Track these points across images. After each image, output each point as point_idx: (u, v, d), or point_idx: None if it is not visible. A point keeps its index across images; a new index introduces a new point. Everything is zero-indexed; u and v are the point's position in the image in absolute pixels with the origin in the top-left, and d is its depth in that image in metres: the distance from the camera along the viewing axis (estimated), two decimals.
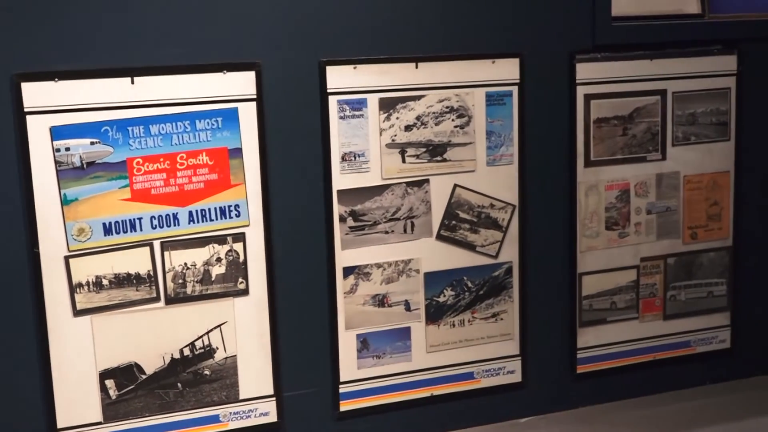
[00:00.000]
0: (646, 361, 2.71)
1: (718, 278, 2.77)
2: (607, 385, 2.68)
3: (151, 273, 2.13)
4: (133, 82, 2.06)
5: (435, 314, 2.44)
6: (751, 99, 2.70)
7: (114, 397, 2.13)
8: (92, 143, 2.04)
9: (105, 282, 2.09)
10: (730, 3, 2.77)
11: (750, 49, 2.68)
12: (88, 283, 2.08)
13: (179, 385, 2.19)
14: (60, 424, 2.09)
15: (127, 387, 2.14)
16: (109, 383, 2.12)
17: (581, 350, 2.63)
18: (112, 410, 2.13)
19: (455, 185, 2.41)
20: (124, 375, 2.13)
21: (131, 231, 2.11)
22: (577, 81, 2.50)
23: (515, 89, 2.43)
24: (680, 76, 2.62)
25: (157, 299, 2.15)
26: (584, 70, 2.50)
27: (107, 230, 2.08)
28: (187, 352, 2.18)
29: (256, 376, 2.26)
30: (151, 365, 2.15)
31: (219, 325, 2.21)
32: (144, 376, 2.15)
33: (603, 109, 2.55)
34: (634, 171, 2.61)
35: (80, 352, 2.09)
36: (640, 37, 2.55)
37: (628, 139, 2.59)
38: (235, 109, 2.16)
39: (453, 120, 2.37)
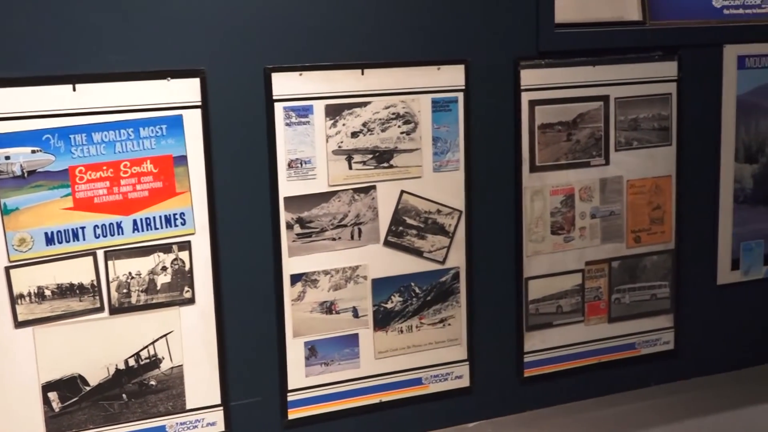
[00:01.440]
0: (592, 363, 2.76)
1: (661, 281, 2.82)
2: (554, 388, 2.73)
3: (95, 283, 2.13)
4: (75, 89, 2.05)
5: (383, 320, 2.47)
6: (691, 104, 2.77)
7: (57, 410, 2.12)
8: (33, 152, 2.03)
9: (47, 293, 2.08)
10: (670, 10, 2.84)
11: (690, 56, 2.75)
12: (29, 294, 2.07)
13: (124, 396, 2.19)
14: None
15: (70, 399, 2.13)
16: (52, 396, 2.11)
17: (528, 354, 2.67)
18: (55, 423, 2.12)
19: (402, 191, 2.44)
20: (67, 387, 2.13)
21: (74, 240, 2.10)
22: (522, 87, 2.54)
23: (461, 95, 2.46)
24: (622, 82, 2.67)
25: (101, 309, 2.15)
26: (528, 77, 2.54)
27: (49, 240, 2.07)
28: (132, 362, 2.19)
29: (202, 385, 2.27)
30: (95, 377, 2.15)
31: (165, 335, 2.21)
32: (88, 388, 2.15)
33: (547, 114, 2.59)
34: (579, 176, 2.66)
35: (22, 365, 2.07)
36: (582, 43, 2.60)
37: (572, 145, 2.63)
38: (180, 117, 2.17)
39: (399, 126, 2.40)
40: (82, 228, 2.11)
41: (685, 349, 2.90)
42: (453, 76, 2.45)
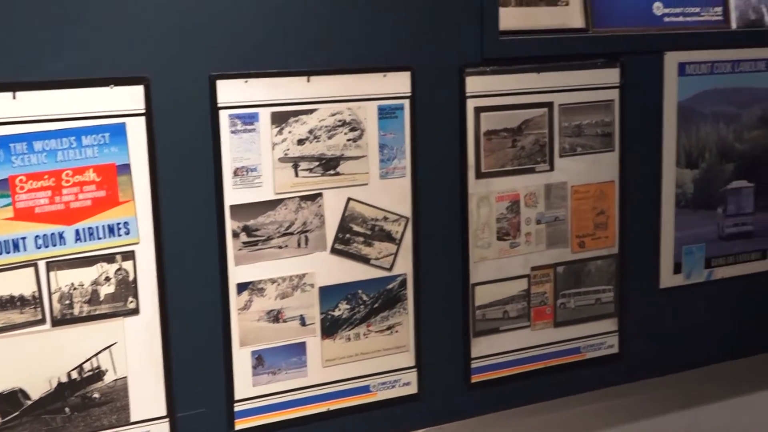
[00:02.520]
0: (539, 368, 2.80)
1: (605, 285, 2.88)
2: (501, 393, 2.76)
3: (36, 294, 2.12)
4: (14, 97, 2.05)
5: (330, 328, 2.48)
6: (633, 110, 2.84)
7: None
8: None
9: None
10: (612, 17, 2.92)
11: (631, 62, 2.82)
12: None
13: (67, 409, 2.18)
14: None
15: (11, 414, 2.12)
16: None
17: (475, 360, 2.71)
18: None
19: (348, 199, 2.46)
20: (7, 402, 2.11)
21: (14, 251, 2.09)
22: (467, 94, 2.57)
23: (407, 102, 2.49)
24: (566, 88, 2.72)
25: (42, 321, 2.14)
26: (473, 84, 2.58)
27: None
28: (75, 375, 2.18)
29: (148, 397, 2.27)
30: (37, 390, 2.14)
31: (108, 347, 2.21)
32: (29, 402, 2.14)
33: (492, 121, 2.63)
34: (524, 182, 2.70)
35: None
36: (526, 50, 2.65)
37: (517, 151, 2.67)
38: (123, 125, 2.17)
39: (345, 133, 2.43)
40: (23, 238, 2.10)
41: (630, 352, 2.95)
42: (399, 83, 2.48)
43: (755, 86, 3.10)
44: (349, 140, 2.44)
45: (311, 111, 2.39)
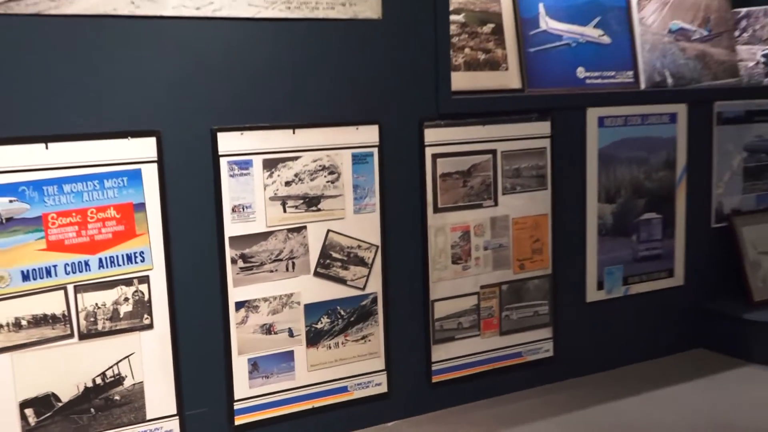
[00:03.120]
0: (487, 369, 2.80)
1: (541, 300, 2.89)
2: (457, 391, 2.75)
3: (66, 313, 2.10)
4: (47, 148, 2.04)
5: (314, 338, 2.47)
6: (562, 156, 2.86)
7: (33, 424, 2.08)
8: (10, 201, 2.01)
9: (23, 322, 2.05)
10: (543, 80, 2.96)
11: (560, 116, 2.84)
12: (7, 324, 2.03)
13: (92, 410, 2.16)
14: None
15: (45, 414, 2.09)
16: (29, 412, 2.07)
17: (435, 363, 2.70)
18: None
19: (328, 230, 2.45)
20: (42, 404, 2.09)
21: (47, 277, 2.07)
22: (426, 143, 2.58)
23: (376, 150, 2.49)
24: (507, 138, 2.73)
25: (71, 336, 2.12)
26: (431, 135, 2.59)
27: (25, 277, 2.04)
28: (99, 380, 2.16)
29: (160, 398, 2.25)
30: (66, 394, 2.12)
31: (127, 356, 2.19)
32: (60, 404, 2.11)
33: (447, 165, 2.63)
34: (473, 215, 2.71)
35: (1, 385, 2.03)
36: (474, 107, 2.67)
37: (467, 190, 2.68)
38: (139, 170, 2.17)
39: (325, 176, 2.43)
40: (54, 266, 2.08)
41: (562, 355, 2.96)
42: (369, 134, 2.49)
43: (661, 136, 3.13)
44: (328, 182, 2.45)
45: (296, 158, 2.39)
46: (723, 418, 2.63)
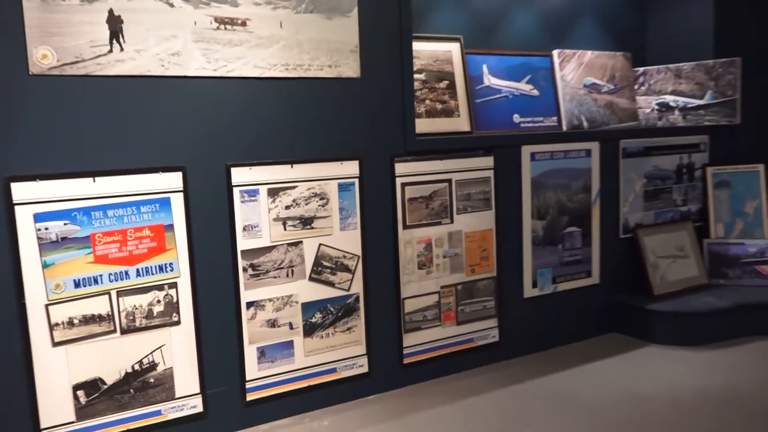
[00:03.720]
0: (448, 352, 2.80)
1: (489, 297, 2.90)
2: (424, 369, 2.75)
3: (110, 313, 2.10)
4: (94, 181, 2.05)
5: (309, 330, 2.47)
6: (503, 183, 2.89)
7: (84, 403, 2.07)
8: (65, 224, 2.01)
9: (75, 321, 2.04)
10: (487, 124, 3.01)
11: (501, 153, 2.87)
12: (62, 323, 2.02)
13: (132, 390, 2.15)
14: (43, 425, 2.01)
15: (93, 395, 2.08)
16: (80, 393, 2.06)
17: (406, 348, 2.70)
18: (82, 412, 2.07)
19: (320, 244, 2.46)
20: (91, 386, 2.08)
21: (94, 284, 2.07)
22: (396, 175, 2.61)
23: (357, 180, 2.51)
24: (460, 170, 2.76)
25: (114, 331, 2.11)
26: (400, 168, 2.61)
27: (77, 284, 2.04)
28: (137, 367, 2.15)
29: (186, 380, 2.24)
30: (110, 378, 2.11)
31: (160, 347, 2.19)
32: (105, 386, 2.10)
33: (413, 192, 2.66)
34: (434, 231, 2.72)
35: (58, 372, 2.02)
36: (434, 146, 2.69)
37: (429, 211, 2.70)
38: (168, 198, 2.17)
39: (317, 201, 2.44)
40: (100, 276, 2.08)
41: (506, 340, 2.97)
42: (351, 168, 2.51)
43: (579, 167, 3.17)
44: (319, 206, 2.46)
45: (294, 187, 2.40)
46: (632, 386, 2.65)
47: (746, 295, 3.23)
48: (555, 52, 3.30)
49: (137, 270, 2.12)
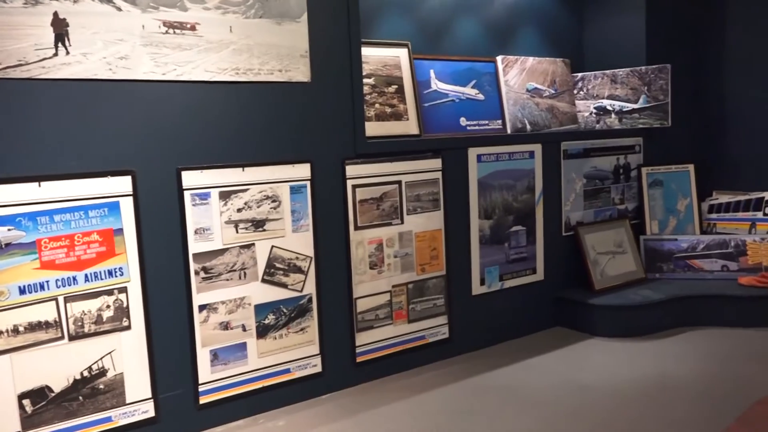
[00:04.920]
0: (400, 350, 2.82)
1: (439, 294, 2.93)
2: (377, 368, 2.77)
3: (57, 320, 2.04)
4: (40, 186, 1.99)
5: (263, 332, 2.45)
6: (451, 184, 2.93)
7: (30, 412, 2.00)
8: (9, 230, 1.95)
9: (21, 329, 1.98)
10: (436, 127, 3.05)
11: (449, 155, 2.91)
12: (7, 331, 1.96)
13: (80, 397, 2.09)
14: None
15: (40, 403, 2.02)
16: (26, 402, 1.99)
17: (359, 347, 2.71)
18: (29, 422, 2.00)
19: (272, 246, 2.45)
20: (38, 395, 2.01)
21: (41, 290, 2.01)
22: (347, 177, 2.61)
23: (308, 183, 2.51)
24: (409, 171, 2.79)
25: (62, 338, 2.05)
26: (351, 170, 2.62)
27: (22, 291, 1.98)
28: (86, 373, 2.09)
29: (138, 385, 2.19)
30: (58, 385, 2.05)
31: (109, 352, 2.13)
32: (53, 394, 2.04)
33: (363, 193, 2.67)
34: (385, 231, 2.74)
35: (2, 381, 1.94)
36: (384, 148, 2.71)
37: (380, 212, 2.72)
38: (117, 202, 2.13)
39: (269, 204, 2.43)
40: (47, 281, 2.02)
41: (456, 336, 3.00)
42: (303, 170, 2.50)
43: (523, 168, 3.25)
44: (271, 208, 2.44)
45: (246, 189, 2.38)
46: (575, 377, 2.73)
47: (680, 288, 3.37)
48: (499, 58, 3.38)
49: (86, 275, 2.07)
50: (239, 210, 2.35)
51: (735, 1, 3.88)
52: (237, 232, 2.35)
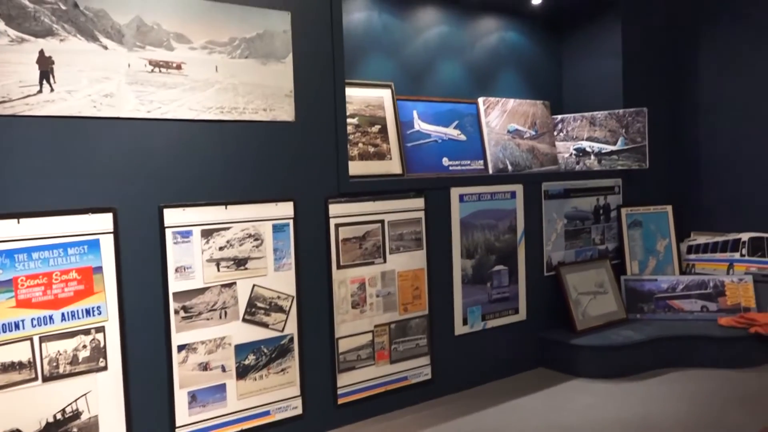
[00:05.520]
0: (381, 391, 2.79)
1: (421, 335, 2.92)
2: (358, 409, 2.73)
3: (31, 360, 1.99)
4: (18, 222, 1.97)
5: (243, 372, 2.42)
6: (434, 224, 2.95)
7: None
8: None
9: None
10: (418, 167, 3.09)
11: (432, 194, 2.94)
12: None
13: None
14: None
15: None
16: None
17: (340, 388, 2.68)
18: None
19: (254, 285, 2.43)
20: None
21: (16, 330, 1.97)
22: (330, 215, 2.62)
23: (291, 221, 2.51)
24: (392, 211, 2.80)
25: (35, 379, 2.00)
26: (334, 209, 2.63)
27: None
28: (59, 416, 2.03)
29: (113, 428, 2.13)
30: (30, 428, 1.98)
31: (84, 394, 2.08)
32: None
33: (346, 232, 2.67)
34: (368, 271, 2.74)
35: None
36: (367, 187, 2.73)
37: (362, 251, 2.72)
38: (98, 240, 2.11)
39: (251, 242, 2.42)
40: (22, 321, 1.98)
41: (439, 378, 2.99)
42: (286, 209, 2.51)
43: (505, 208, 3.28)
44: (253, 246, 2.44)
45: (228, 228, 2.38)
46: (557, 419, 2.72)
47: (661, 328, 3.40)
48: (480, 100, 3.45)
49: (62, 314, 2.04)
50: (221, 248, 2.34)
51: (707, 48, 4.03)
52: (218, 270, 2.34)
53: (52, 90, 1.99)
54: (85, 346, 2.08)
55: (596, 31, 3.98)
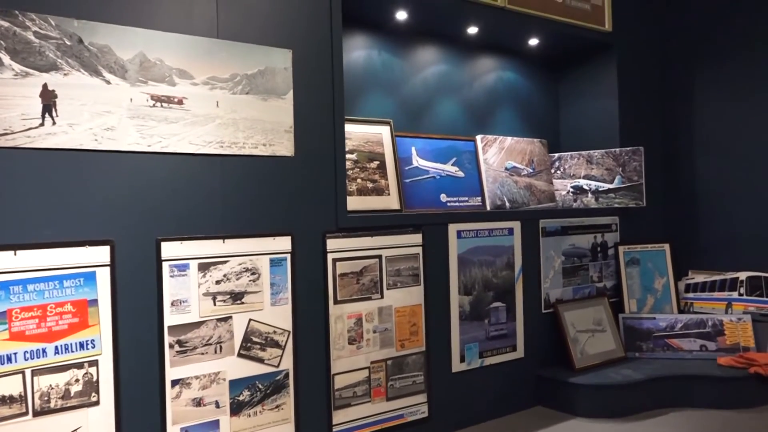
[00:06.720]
0: (377, 429, 2.75)
1: (418, 371, 2.89)
2: None
3: (22, 394, 1.96)
4: (15, 254, 1.96)
5: (237, 409, 2.38)
6: (431, 260, 2.95)
7: None
8: None
9: None
10: (416, 203, 3.10)
11: (429, 230, 2.95)
12: None
13: None
14: None
15: None
16: None
17: (336, 426, 2.64)
18: None
19: (250, 319, 2.42)
20: None
21: (7, 363, 1.94)
22: (328, 250, 2.62)
23: (289, 256, 2.51)
24: (390, 246, 2.81)
25: (26, 414, 1.96)
26: (332, 244, 2.63)
27: None
28: None
29: None
30: None
31: (75, 430, 2.05)
32: None
33: (344, 267, 2.67)
34: (365, 306, 2.73)
35: None
36: (365, 223, 2.74)
37: (360, 286, 2.72)
38: (94, 272, 2.10)
39: (248, 276, 2.42)
40: (15, 353, 1.96)
41: (435, 415, 2.94)
42: (283, 243, 2.51)
43: (503, 244, 3.29)
44: (250, 280, 2.42)
45: (225, 261, 2.37)
46: None
47: (660, 368, 3.37)
48: (478, 137, 3.49)
49: (56, 347, 2.02)
50: (218, 282, 2.33)
51: (700, 88, 4.09)
52: (215, 304, 2.32)
53: (54, 123, 2.01)
54: (77, 380, 2.05)
55: (592, 71, 4.04)
